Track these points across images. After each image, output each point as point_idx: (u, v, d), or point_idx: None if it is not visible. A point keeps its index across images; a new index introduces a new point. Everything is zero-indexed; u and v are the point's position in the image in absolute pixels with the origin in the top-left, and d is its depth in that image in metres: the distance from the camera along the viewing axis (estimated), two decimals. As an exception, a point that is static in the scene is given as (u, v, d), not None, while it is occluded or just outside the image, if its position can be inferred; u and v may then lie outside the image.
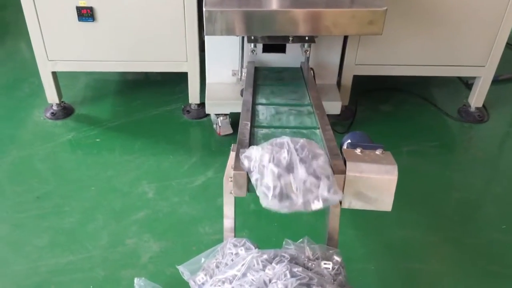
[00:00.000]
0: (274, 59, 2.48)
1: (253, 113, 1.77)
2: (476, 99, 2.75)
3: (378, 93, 2.92)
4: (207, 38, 2.42)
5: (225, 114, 2.54)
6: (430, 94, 2.96)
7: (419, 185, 2.33)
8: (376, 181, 1.26)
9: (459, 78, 3.05)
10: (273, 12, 1.71)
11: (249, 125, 1.63)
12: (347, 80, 2.63)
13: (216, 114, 2.56)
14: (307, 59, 2.42)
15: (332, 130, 1.56)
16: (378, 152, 1.32)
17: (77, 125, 2.64)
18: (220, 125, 2.55)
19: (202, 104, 2.70)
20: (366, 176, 1.26)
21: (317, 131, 1.67)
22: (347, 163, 1.28)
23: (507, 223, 2.17)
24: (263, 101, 1.97)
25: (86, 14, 2.33)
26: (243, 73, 2.42)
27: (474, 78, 2.72)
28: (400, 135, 2.67)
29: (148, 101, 2.83)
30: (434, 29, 2.47)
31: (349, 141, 1.43)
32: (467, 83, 2.99)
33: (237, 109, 2.49)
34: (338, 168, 1.29)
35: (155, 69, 2.57)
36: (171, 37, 2.44)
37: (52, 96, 2.64)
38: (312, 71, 2.39)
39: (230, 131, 2.58)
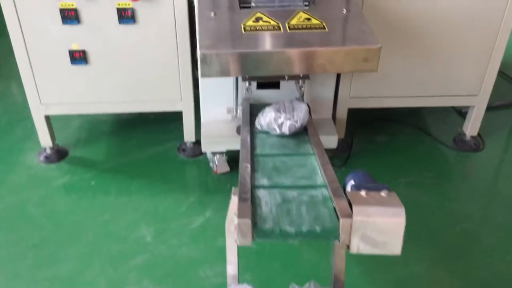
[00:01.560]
0: (268, 95, 2.47)
1: (252, 154, 1.74)
2: (471, 128, 2.76)
3: (373, 124, 2.93)
4: (201, 78, 2.41)
5: (222, 152, 2.52)
6: (425, 123, 2.97)
7: (419, 217, 2.31)
8: (384, 225, 1.24)
9: (453, 107, 3.06)
10: (268, 53, 1.71)
11: (249, 167, 1.61)
12: (342, 113, 2.64)
13: (212, 152, 2.54)
14: (302, 94, 2.43)
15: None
16: (383, 193, 1.31)
17: (71, 168, 2.60)
18: (216, 163, 2.53)
19: (197, 142, 2.68)
20: (374, 220, 1.23)
21: (313, 157, 1.72)
22: (353, 207, 1.26)
23: (511, 253, 2.15)
24: (262, 143, 1.93)
25: (79, 57, 2.32)
26: (239, 111, 2.41)
27: (467, 107, 2.74)
28: (398, 166, 2.66)
29: (142, 141, 2.80)
30: (427, 60, 2.49)
31: (352, 182, 1.41)
32: (460, 112, 3.01)
33: (234, 146, 2.49)
34: (345, 212, 1.27)
35: (150, 109, 2.55)
36: (165, 77, 2.44)
37: (45, 140, 2.61)
38: (307, 106, 2.38)
39: (227, 169, 2.55)
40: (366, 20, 1.89)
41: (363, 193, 1.31)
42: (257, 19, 1.88)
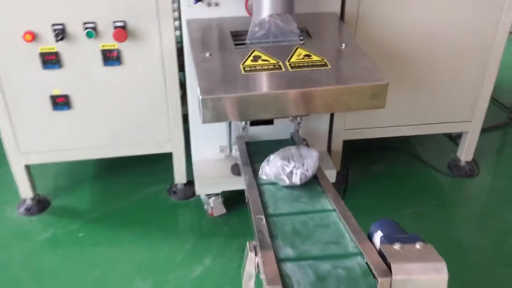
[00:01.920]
0: (262, 131, 2.38)
1: (265, 214, 1.61)
2: (466, 153, 2.73)
3: (367, 153, 2.86)
4: (191, 116, 2.30)
5: (217, 194, 2.40)
6: (417, 150, 2.93)
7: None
8: (426, 283, 1.14)
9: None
10: (273, 95, 1.62)
11: (263, 218, 1.50)
12: (337, 145, 2.56)
13: (207, 194, 2.41)
14: (297, 130, 2.34)
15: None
16: (418, 245, 1.22)
17: (55, 220, 2.42)
18: (212, 205, 2.40)
19: (189, 183, 2.55)
20: (416, 278, 1.14)
21: (334, 213, 1.58)
22: (392, 265, 1.16)
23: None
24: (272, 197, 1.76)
25: (61, 102, 2.18)
26: (233, 150, 2.30)
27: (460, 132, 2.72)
28: (397, 196, 2.59)
29: (129, 184, 2.65)
30: (420, 90, 2.45)
31: (380, 233, 1.31)
32: (451, 137, 2.98)
33: (230, 187, 2.38)
34: (382, 271, 1.17)
35: (137, 152, 2.41)
36: (153, 118, 2.31)
37: (25, 190, 2.43)
38: (305, 142, 2.30)
39: (224, 211, 2.43)
40: (367, 55, 1.83)
41: (397, 246, 1.21)
42: (255, 58, 1.79)
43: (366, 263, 1.29)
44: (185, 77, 2.22)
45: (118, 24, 2.03)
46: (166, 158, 2.47)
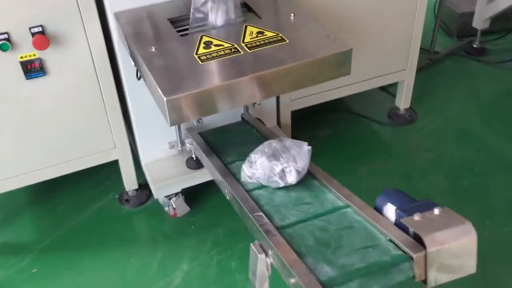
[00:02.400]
0: (208, 118, 2.23)
1: (263, 211, 1.47)
2: (404, 101, 2.80)
3: (310, 120, 2.83)
4: (133, 114, 2.11)
5: (177, 193, 2.25)
6: (357, 107, 2.95)
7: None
8: (458, 248, 1.13)
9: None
10: (243, 81, 1.49)
11: (278, 233, 1.36)
12: (286, 117, 2.51)
13: (166, 196, 2.25)
14: (247, 109, 2.24)
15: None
16: (437, 211, 1.19)
17: (0, 260, 2.14)
18: (174, 206, 2.25)
19: (140, 187, 2.37)
20: (448, 246, 1.12)
21: (349, 210, 1.45)
22: (423, 237, 1.12)
23: (489, 217, 2.21)
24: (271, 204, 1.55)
25: (-18, 130, 1.89)
26: (187, 144, 2.15)
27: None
28: (350, 157, 2.60)
29: (74, 202, 2.40)
30: (356, 48, 2.43)
31: (390, 206, 1.28)
32: (383, 88, 3.04)
33: (189, 183, 2.24)
34: (413, 246, 1.14)
35: (80, 167, 2.18)
36: (92, 127, 2.09)
37: (-44, 236, 2.12)
38: (260, 121, 2.21)
39: (187, 209, 2.29)
40: (320, 21, 1.75)
41: (417, 217, 1.18)
42: (207, 44, 1.64)
43: (391, 240, 1.23)
44: (117, 76, 2.02)
45: (36, 30, 1.77)
46: (106, 165, 2.26)
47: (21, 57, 1.81)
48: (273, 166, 1.54)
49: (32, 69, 1.84)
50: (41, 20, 1.77)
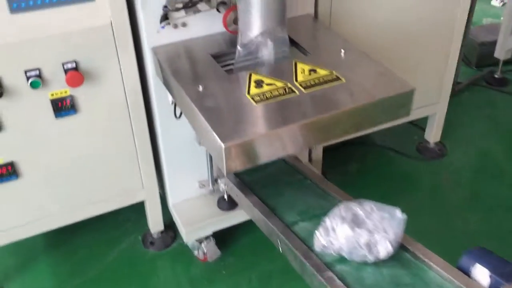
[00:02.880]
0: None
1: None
2: (434, 134, 2.71)
3: (337, 153, 2.72)
4: (164, 152, 1.99)
5: (208, 236, 2.10)
6: (384, 140, 2.85)
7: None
8: None
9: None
10: (302, 125, 1.38)
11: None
12: (318, 154, 2.40)
13: (197, 239, 2.11)
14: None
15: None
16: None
17: (18, 312, 1.98)
18: (205, 250, 2.10)
19: (164, 228, 2.23)
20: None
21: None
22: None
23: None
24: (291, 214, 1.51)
25: (6, 173, 1.74)
26: (221, 186, 2.02)
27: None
28: (381, 193, 2.48)
29: (93, 246, 2.24)
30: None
31: (480, 266, 1.16)
32: (411, 122, 2.95)
33: (221, 225, 2.10)
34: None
35: (105, 209, 2.03)
36: (120, 166, 1.95)
37: (-30, 286, 1.95)
38: (297, 158, 2.10)
39: (218, 253, 2.14)
40: (371, 58, 1.66)
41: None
42: (258, 83, 1.53)
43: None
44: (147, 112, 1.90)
45: (69, 65, 1.65)
46: (124, 207, 2.10)
47: (52, 95, 1.68)
48: (358, 236, 1.33)
49: (63, 107, 1.71)
50: (75, 55, 1.65)
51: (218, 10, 1.69)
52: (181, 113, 1.83)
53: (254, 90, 1.50)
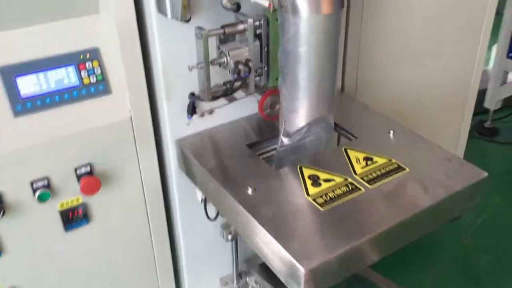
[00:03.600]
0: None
1: None
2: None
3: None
4: (184, 250, 1.74)
5: None
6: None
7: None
8: None
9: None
10: (385, 232, 1.19)
11: None
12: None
13: None
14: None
15: None
16: None
17: None
18: None
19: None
20: None
21: None
22: None
23: None
24: None
25: (5, 303, 1.42)
26: (251, 285, 1.78)
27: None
28: (404, 260, 2.30)
29: None
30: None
31: None
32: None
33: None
34: None
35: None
36: (135, 273, 1.68)
37: None
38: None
39: None
40: (426, 139, 1.51)
41: None
42: (315, 180, 1.33)
43: None
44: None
45: (83, 170, 1.39)
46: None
47: (62, 205, 1.40)
48: None
49: (74, 218, 1.43)
50: (89, 157, 1.39)
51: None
52: (217, 214, 1.60)
53: (312, 189, 1.30)
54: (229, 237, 1.70)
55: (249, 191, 1.29)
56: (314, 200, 1.26)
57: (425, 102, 2.17)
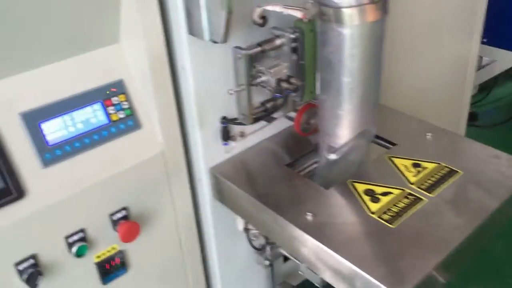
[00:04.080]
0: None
1: None
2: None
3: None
4: (221, 280, 1.63)
5: None
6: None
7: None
8: None
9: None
10: (464, 242, 1.13)
11: None
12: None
13: None
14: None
15: None
16: None
17: None
18: None
19: None
20: None
21: None
22: None
23: None
24: None
25: None
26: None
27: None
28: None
29: None
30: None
31: None
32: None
33: None
34: None
35: None
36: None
37: None
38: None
39: None
40: (465, 137, 1.47)
41: None
42: (372, 195, 1.26)
43: None
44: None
45: (118, 215, 1.25)
46: None
47: (98, 257, 1.26)
48: None
49: (112, 269, 1.29)
50: (124, 201, 1.26)
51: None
52: (266, 242, 1.49)
53: (373, 205, 1.23)
54: (266, 263, 1.61)
55: (309, 216, 1.20)
56: (379, 217, 1.19)
57: (427, 95, 2.16)
